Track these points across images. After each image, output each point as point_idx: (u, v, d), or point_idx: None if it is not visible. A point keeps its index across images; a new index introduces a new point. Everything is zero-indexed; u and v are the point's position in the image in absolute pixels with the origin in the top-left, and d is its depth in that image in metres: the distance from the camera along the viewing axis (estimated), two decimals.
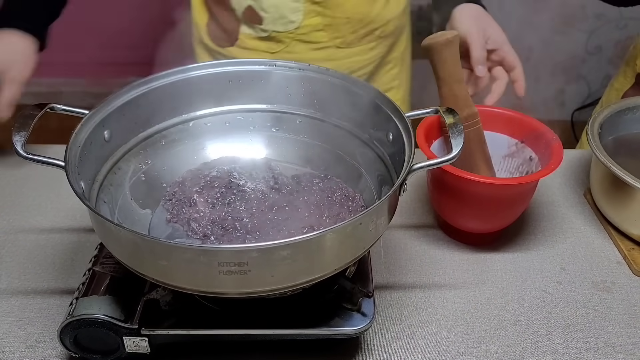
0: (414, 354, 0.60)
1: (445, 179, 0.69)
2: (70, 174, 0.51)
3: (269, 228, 0.61)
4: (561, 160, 0.67)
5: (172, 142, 0.68)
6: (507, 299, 0.67)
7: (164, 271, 0.49)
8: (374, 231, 0.52)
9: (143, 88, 0.64)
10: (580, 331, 0.63)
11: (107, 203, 0.60)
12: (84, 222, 0.76)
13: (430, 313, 0.65)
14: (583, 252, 0.73)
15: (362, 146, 0.66)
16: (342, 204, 0.64)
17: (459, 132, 0.55)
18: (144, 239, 0.47)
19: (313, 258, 0.49)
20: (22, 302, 0.65)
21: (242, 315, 0.56)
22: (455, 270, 0.71)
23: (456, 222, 0.73)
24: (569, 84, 2.07)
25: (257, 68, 0.68)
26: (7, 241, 0.73)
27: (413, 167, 0.53)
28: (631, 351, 0.61)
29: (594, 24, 1.94)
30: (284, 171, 0.69)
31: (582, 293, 0.68)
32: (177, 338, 0.56)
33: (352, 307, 0.57)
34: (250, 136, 0.71)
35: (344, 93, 0.66)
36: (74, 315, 0.54)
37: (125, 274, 0.57)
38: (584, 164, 0.87)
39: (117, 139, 0.63)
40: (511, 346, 0.61)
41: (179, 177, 0.68)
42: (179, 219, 0.63)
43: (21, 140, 0.52)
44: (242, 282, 0.47)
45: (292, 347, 0.60)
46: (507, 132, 0.76)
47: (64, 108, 0.59)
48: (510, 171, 0.77)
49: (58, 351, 0.59)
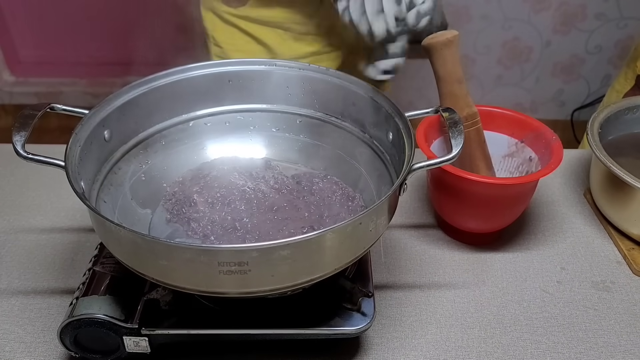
0: (414, 354, 0.60)
1: (445, 178, 0.69)
2: (70, 174, 0.51)
3: (269, 228, 0.61)
4: (561, 160, 0.67)
5: (172, 142, 0.68)
6: (507, 299, 0.67)
7: (164, 271, 0.49)
8: (374, 231, 0.52)
9: (143, 88, 0.64)
10: (580, 331, 0.63)
11: (107, 203, 0.60)
12: (84, 222, 0.76)
13: (430, 313, 0.65)
14: (583, 252, 0.73)
15: (362, 146, 0.66)
16: (342, 204, 0.64)
17: (459, 132, 0.55)
18: (144, 238, 0.47)
19: (313, 258, 0.49)
20: (22, 302, 0.65)
21: (242, 315, 0.56)
22: (455, 270, 0.71)
23: (456, 222, 0.73)
24: (569, 84, 2.07)
25: (257, 68, 0.68)
26: (7, 241, 0.73)
27: (413, 167, 0.53)
28: (631, 351, 0.61)
29: (594, 24, 1.94)
30: (284, 171, 0.69)
31: (582, 293, 0.68)
32: (177, 338, 0.56)
33: (352, 307, 0.57)
34: (250, 136, 0.71)
35: (344, 93, 0.66)
36: (74, 315, 0.54)
37: (125, 274, 0.57)
38: (584, 164, 0.87)
39: (117, 139, 0.63)
40: (511, 346, 0.61)
41: (179, 177, 0.68)
42: (179, 218, 0.63)
43: (21, 140, 0.52)
44: (242, 282, 0.47)
45: (292, 347, 0.60)
46: (507, 132, 0.76)
47: (64, 108, 0.59)
48: (510, 171, 0.77)
49: (58, 351, 0.59)
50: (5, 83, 2.34)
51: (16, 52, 2.36)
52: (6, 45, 2.31)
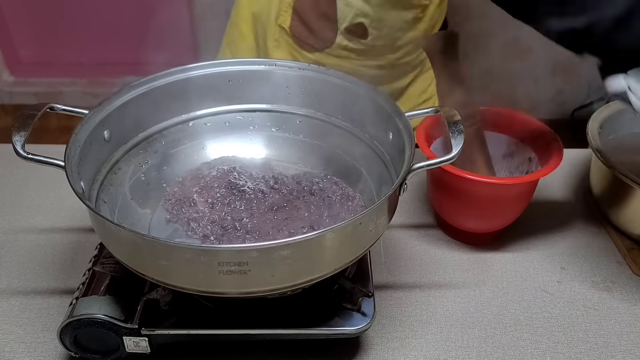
0: (414, 354, 0.60)
1: (445, 178, 0.69)
2: (70, 174, 0.51)
3: (268, 228, 0.61)
4: (561, 160, 0.67)
5: (172, 142, 0.68)
6: (507, 299, 0.67)
7: (164, 271, 0.49)
8: (374, 231, 0.52)
9: (143, 88, 0.64)
10: (580, 331, 0.63)
11: (107, 203, 0.60)
12: (84, 222, 0.76)
13: (430, 313, 0.65)
14: (583, 252, 0.73)
15: (362, 146, 0.66)
16: (342, 204, 0.64)
17: (459, 131, 0.55)
18: (144, 238, 0.47)
19: (313, 258, 0.49)
20: (22, 302, 0.65)
21: (242, 315, 0.56)
22: (455, 270, 0.71)
23: (456, 222, 0.73)
24: (569, 84, 2.07)
25: (257, 68, 0.68)
26: (7, 241, 0.73)
27: (413, 167, 0.53)
28: (631, 351, 0.61)
29: None
30: (284, 171, 0.69)
31: (582, 293, 0.68)
32: (177, 338, 0.56)
33: (352, 307, 0.57)
34: (250, 136, 0.71)
35: (344, 93, 0.66)
36: (74, 315, 0.54)
37: (125, 274, 0.57)
38: (584, 164, 0.87)
39: (117, 139, 0.63)
40: (511, 346, 0.61)
41: (178, 177, 0.68)
42: (179, 219, 0.63)
43: (21, 140, 0.52)
44: (242, 282, 0.47)
45: (292, 347, 0.60)
46: (507, 132, 0.76)
47: (64, 108, 0.59)
48: (510, 171, 0.77)
49: (58, 351, 0.59)
50: (5, 83, 2.34)
51: (16, 52, 2.36)
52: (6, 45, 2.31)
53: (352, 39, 0.89)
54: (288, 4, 0.91)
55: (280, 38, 0.93)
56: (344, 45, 0.90)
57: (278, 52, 0.95)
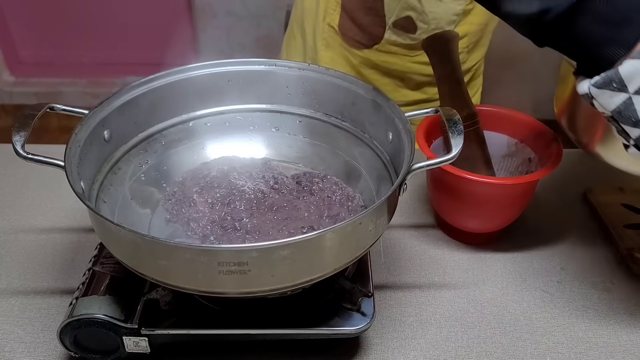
0: (414, 354, 0.60)
1: (445, 178, 0.69)
2: (70, 174, 0.51)
3: (268, 228, 0.61)
4: (561, 160, 0.67)
5: (172, 142, 0.68)
6: (507, 299, 0.67)
7: (164, 271, 0.49)
8: (373, 231, 0.52)
9: (143, 88, 0.64)
10: (580, 331, 0.63)
11: (107, 203, 0.60)
12: (84, 222, 0.76)
13: (430, 313, 0.65)
14: (583, 252, 0.73)
15: (362, 146, 0.66)
16: (342, 204, 0.64)
17: (459, 132, 0.55)
18: (144, 238, 0.47)
19: (313, 258, 0.49)
20: (22, 302, 0.65)
21: (242, 315, 0.56)
22: (455, 270, 0.71)
23: (456, 222, 0.73)
24: None
25: (257, 68, 0.68)
26: (7, 241, 0.73)
27: (413, 167, 0.53)
28: (631, 351, 0.61)
29: None
30: (284, 171, 0.69)
31: (581, 293, 0.68)
32: (177, 338, 0.56)
33: (352, 307, 0.57)
34: (250, 136, 0.71)
35: (344, 93, 0.66)
36: (74, 315, 0.54)
37: (125, 274, 0.57)
38: (583, 164, 0.87)
39: (117, 139, 0.63)
40: (511, 346, 0.61)
41: (178, 177, 0.68)
42: (179, 219, 0.63)
43: (21, 140, 0.52)
44: (242, 282, 0.47)
45: (292, 347, 0.60)
46: (507, 132, 0.76)
47: (63, 108, 0.59)
48: (510, 171, 0.77)
49: (58, 351, 0.59)
50: (5, 83, 2.34)
51: (16, 52, 2.37)
52: (6, 45, 2.31)
53: (400, 33, 0.89)
54: (336, 2, 0.91)
55: (329, 37, 0.94)
56: (392, 41, 0.90)
57: (328, 52, 0.95)
